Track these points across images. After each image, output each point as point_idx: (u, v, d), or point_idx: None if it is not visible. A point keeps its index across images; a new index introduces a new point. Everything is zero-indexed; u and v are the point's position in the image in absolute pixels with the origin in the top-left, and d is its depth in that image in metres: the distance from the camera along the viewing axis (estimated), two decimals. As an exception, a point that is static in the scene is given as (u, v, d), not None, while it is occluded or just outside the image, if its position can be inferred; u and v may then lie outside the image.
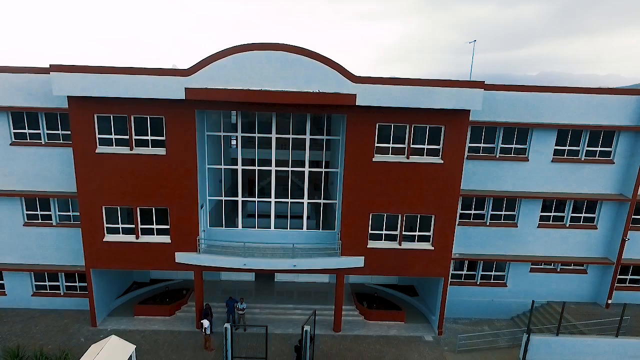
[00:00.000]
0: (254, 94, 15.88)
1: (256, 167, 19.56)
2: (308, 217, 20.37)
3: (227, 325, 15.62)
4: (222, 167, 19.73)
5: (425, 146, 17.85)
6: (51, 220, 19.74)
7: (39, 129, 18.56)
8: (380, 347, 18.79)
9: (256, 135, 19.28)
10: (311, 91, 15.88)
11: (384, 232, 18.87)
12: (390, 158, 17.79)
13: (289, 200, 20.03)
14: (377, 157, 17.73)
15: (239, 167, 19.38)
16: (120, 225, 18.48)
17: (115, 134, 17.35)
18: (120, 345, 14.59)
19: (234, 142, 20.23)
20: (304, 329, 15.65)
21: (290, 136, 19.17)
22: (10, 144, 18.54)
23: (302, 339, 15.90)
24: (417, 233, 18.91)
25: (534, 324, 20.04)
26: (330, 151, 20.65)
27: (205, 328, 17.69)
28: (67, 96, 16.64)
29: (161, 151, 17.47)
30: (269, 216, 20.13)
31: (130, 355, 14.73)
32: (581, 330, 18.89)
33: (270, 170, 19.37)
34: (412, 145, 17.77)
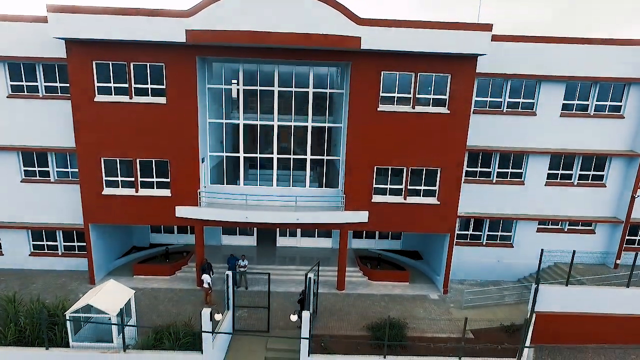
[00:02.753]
0: (257, 36, 15.49)
1: (258, 122, 19.15)
2: (313, 182, 19.93)
3: (229, 272, 15.23)
4: (224, 121, 19.30)
5: (431, 96, 17.45)
6: (49, 176, 19.36)
7: (37, 81, 18.19)
8: (385, 304, 18.41)
9: (258, 88, 18.86)
10: (316, 33, 15.46)
11: (388, 186, 18.47)
12: (395, 108, 17.40)
13: (291, 156, 19.62)
14: (382, 107, 17.33)
15: (241, 122, 18.98)
16: (119, 179, 18.11)
17: (114, 83, 16.98)
18: (118, 288, 14.28)
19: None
20: (308, 277, 15.25)
21: (293, 89, 18.73)
22: (7, 97, 18.16)
23: (306, 287, 15.49)
24: (422, 187, 18.51)
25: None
26: (332, 116, 20.16)
27: (206, 282, 17.33)
28: (65, 41, 16.31)
29: (161, 100, 17.09)
30: (271, 176, 19.73)
31: (129, 301, 14.39)
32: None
33: (273, 129, 18.98)
34: (417, 96, 17.39)
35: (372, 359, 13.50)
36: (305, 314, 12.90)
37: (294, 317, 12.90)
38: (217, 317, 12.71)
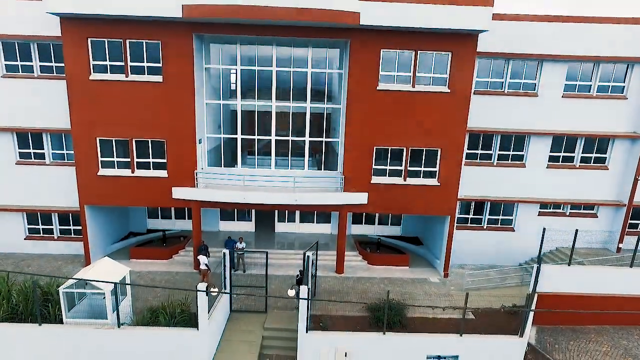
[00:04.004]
0: (253, 10, 15.21)
1: (256, 102, 18.92)
2: (312, 166, 19.64)
3: (226, 250, 14.99)
4: (221, 102, 19.06)
5: (431, 75, 17.20)
6: (45, 158, 19.12)
7: (32, 61, 17.94)
8: (385, 286, 18.14)
9: (256, 68, 18.61)
10: (313, 7, 15.19)
11: (388, 167, 18.22)
12: (395, 87, 17.15)
13: (290, 138, 19.38)
14: (382, 86, 17.08)
15: (238, 102, 18.73)
16: (115, 159, 17.85)
17: (110, 61, 16.74)
18: (113, 266, 14.03)
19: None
20: (306, 255, 14.98)
21: (292, 69, 18.49)
22: (2, 77, 17.92)
23: (304, 267, 15.22)
24: (422, 169, 18.26)
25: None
26: (331, 101, 19.87)
27: (203, 264, 17.07)
28: (60, 18, 16.06)
29: (158, 78, 16.84)
30: (270, 161, 19.48)
31: (124, 278, 14.13)
32: (592, 269, 18.19)
33: (271, 113, 18.71)
34: (417, 75, 17.13)
35: (371, 336, 13.27)
36: (304, 287, 12.66)
37: (291, 292, 12.65)
38: (214, 292, 12.45)
